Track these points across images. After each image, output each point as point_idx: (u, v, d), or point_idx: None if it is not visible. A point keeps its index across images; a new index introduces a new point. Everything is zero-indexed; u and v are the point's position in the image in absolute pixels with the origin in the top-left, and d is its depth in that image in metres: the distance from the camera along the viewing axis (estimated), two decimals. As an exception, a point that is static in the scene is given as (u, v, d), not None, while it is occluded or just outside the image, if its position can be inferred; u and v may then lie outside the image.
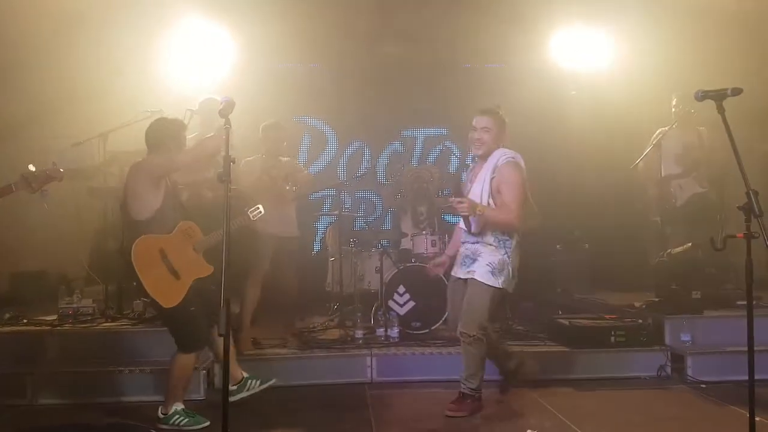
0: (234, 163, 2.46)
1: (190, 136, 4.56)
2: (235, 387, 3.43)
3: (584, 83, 5.88)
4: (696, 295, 4.42)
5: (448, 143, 6.62)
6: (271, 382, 3.54)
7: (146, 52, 5.22)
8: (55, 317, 4.43)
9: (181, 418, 3.21)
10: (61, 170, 2.80)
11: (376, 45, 6.01)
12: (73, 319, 4.36)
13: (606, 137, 5.77)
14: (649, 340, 4.23)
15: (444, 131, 6.72)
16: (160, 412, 3.25)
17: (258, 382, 3.50)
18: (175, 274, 3.18)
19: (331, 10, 5.41)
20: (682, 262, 4.61)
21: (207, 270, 3.30)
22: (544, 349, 4.35)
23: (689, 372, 4.03)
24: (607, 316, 4.61)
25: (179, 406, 3.25)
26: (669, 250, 4.72)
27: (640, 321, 4.40)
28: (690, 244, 4.61)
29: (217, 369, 3.94)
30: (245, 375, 3.51)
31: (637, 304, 4.75)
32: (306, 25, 5.47)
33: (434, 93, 6.39)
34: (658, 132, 5.07)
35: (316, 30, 5.62)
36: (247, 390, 3.46)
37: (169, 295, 3.14)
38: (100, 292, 4.74)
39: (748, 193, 2.33)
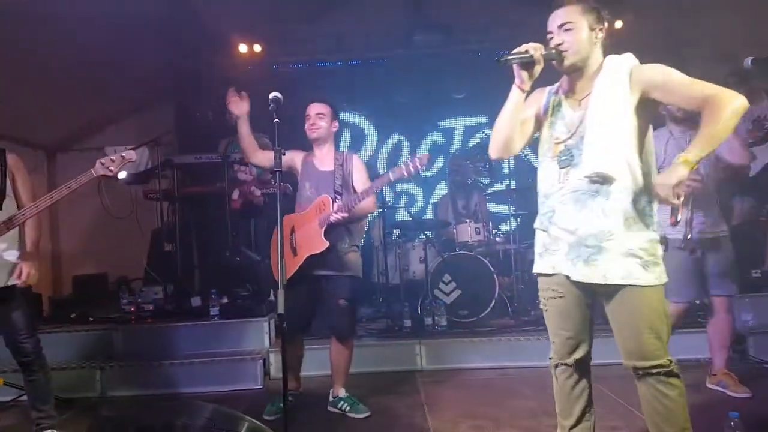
0: (284, 155, 2.56)
1: None
2: (331, 399, 3.41)
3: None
4: (756, 273, 4.27)
5: (488, 131, 6.58)
6: (361, 414, 3.31)
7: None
8: (117, 315, 4.66)
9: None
10: (134, 152, 2.81)
11: (410, 37, 6.05)
12: (135, 316, 4.59)
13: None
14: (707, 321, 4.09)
15: (485, 119, 6.69)
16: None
17: (348, 407, 3.34)
18: (294, 251, 3.20)
19: (367, 9, 5.50)
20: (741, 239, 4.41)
21: (320, 245, 3.10)
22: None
23: (751, 352, 3.93)
24: None
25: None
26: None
27: (697, 301, 4.25)
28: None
29: (273, 358, 4.10)
30: (341, 394, 3.38)
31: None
32: (341, 23, 5.58)
33: (472, 82, 6.37)
34: None
35: (352, 27, 5.72)
36: (337, 408, 3.37)
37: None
38: (159, 291, 4.94)
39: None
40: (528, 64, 2.00)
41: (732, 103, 1.86)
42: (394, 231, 5.51)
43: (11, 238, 2.87)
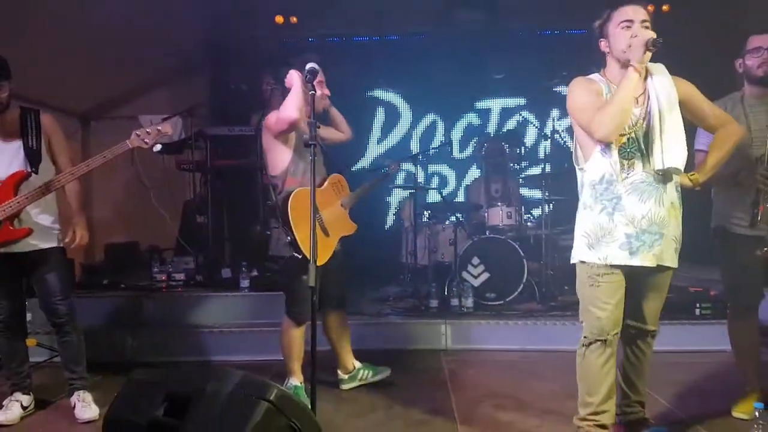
0: (319, 128, 2.50)
1: None
2: (346, 376, 3.36)
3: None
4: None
5: (525, 113, 6.42)
6: (385, 374, 3.38)
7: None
8: (148, 283, 4.73)
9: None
10: (170, 126, 2.81)
11: (451, 13, 5.91)
12: (166, 285, 4.65)
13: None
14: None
15: (523, 101, 6.54)
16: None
17: (370, 373, 3.37)
18: (325, 231, 3.04)
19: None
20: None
21: (351, 228, 3.16)
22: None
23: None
24: (692, 288, 4.42)
25: (293, 382, 3.08)
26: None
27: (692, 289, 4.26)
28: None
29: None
30: (357, 365, 3.39)
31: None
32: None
33: (512, 62, 6.21)
34: None
35: (391, 1, 5.61)
36: (360, 380, 3.36)
37: (320, 252, 2.74)
38: (190, 261, 4.99)
39: None
40: (650, 48, 2.16)
41: (738, 137, 2.37)
42: (425, 212, 5.45)
43: (47, 203, 2.89)
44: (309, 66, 2.59)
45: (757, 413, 2.30)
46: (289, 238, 2.92)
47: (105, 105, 6.24)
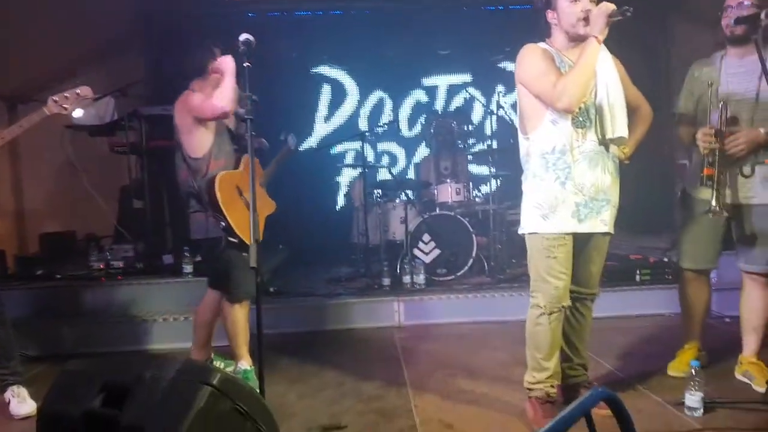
0: (255, 100, 2.40)
1: None
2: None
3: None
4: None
5: (471, 90, 6.42)
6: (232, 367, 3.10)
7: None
8: (85, 272, 4.50)
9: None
10: (89, 89, 2.60)
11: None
12: (105, 273, 4.45)
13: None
14: (674, 278, 4.16)
15: (468, 78, 6.54)
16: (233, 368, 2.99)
17: (222, 365, 3.21)
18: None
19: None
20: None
21: (273, 206, 3.20)
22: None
23: (714, 307, 3.95)
24: (632, 256, 4.61)
25: (243, 366, 2.97)
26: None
27: (666, 259, 4.40)
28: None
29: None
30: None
31: (663, 245, 4.71)
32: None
33: (457, 37, 6.19)
34: None
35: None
36: None
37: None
38: (129, 249, 4.78)
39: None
40: (612, 19, 2.17)
41: (650, 117, 2.54)
42: (375, 191, 5.42)
43: None
44: (243, 37, 2.47)
45: (693, 371, 2.42)
46: (223, 224, 2.82)
47: (34, 87, 5.84)
